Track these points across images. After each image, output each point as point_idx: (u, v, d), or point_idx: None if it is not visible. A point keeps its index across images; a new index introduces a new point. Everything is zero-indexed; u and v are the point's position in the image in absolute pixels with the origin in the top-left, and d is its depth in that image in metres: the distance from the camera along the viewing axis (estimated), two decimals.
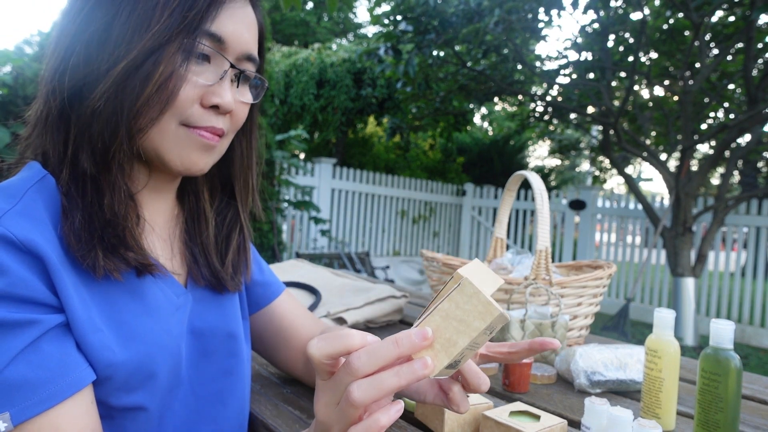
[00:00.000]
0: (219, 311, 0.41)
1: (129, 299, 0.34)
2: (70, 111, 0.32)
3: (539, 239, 0.68)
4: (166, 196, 0.39)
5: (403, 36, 2.99)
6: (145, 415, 0.34)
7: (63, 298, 0.30)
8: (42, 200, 0.31)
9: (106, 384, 0.31)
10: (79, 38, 0.32)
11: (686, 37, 3.16)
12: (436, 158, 6.15)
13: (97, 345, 0.31)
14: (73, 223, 0.31)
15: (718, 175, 5.77)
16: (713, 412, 0.42)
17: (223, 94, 0.34)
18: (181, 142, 0.34)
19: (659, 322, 0.47)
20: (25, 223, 0.30)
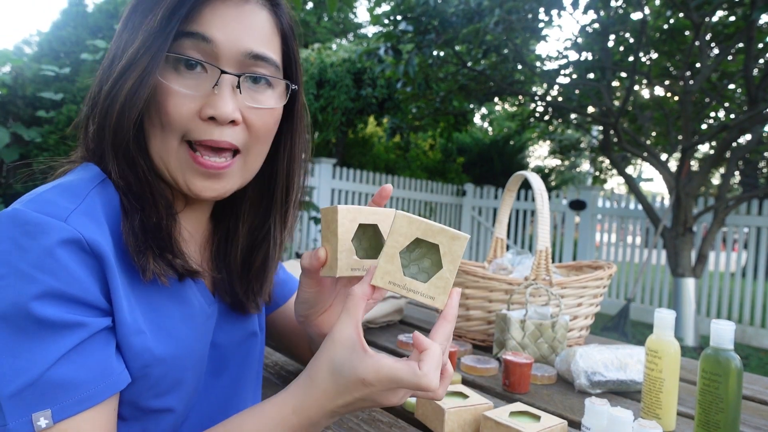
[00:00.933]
0: (238, 320, 0.41)
1: (170, 304, 0.35)
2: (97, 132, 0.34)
3: (539, 239, 0.67)
4: (202, 212, 0.39)
5: (403, 36, 2.99)
6: (171, 417, 0.35)
7: (114, 300, 0.31)
8: (101, 202, 0.32)
9: (139, 384, 0.32)
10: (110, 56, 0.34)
11: (687, 37, 3.16)
12: (436, 158, 6.15)
13: (138, 347, 0.32)
14: (133, 223, 0.32)
15: (718, 176, 5.76)
16: (714, 412, 0.42)
17: (217, 104, 0.32)
18: (184, 165, 0.34)
19: (659, 323, 0.47)
20: (90, 223, 0.30)
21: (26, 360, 0.27)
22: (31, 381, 0.27)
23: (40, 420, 0.27)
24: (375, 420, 0.46)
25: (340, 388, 0.30)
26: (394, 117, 4.27)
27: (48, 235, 0.28)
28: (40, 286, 0.28)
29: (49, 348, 0.28)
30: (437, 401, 0.43)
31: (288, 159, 0.39)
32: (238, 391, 0.41)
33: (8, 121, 1.25)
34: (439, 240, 0.31)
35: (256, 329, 0.43)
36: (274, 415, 0.31)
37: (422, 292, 0.32)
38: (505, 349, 0.65)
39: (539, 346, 0.65)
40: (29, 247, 0.28)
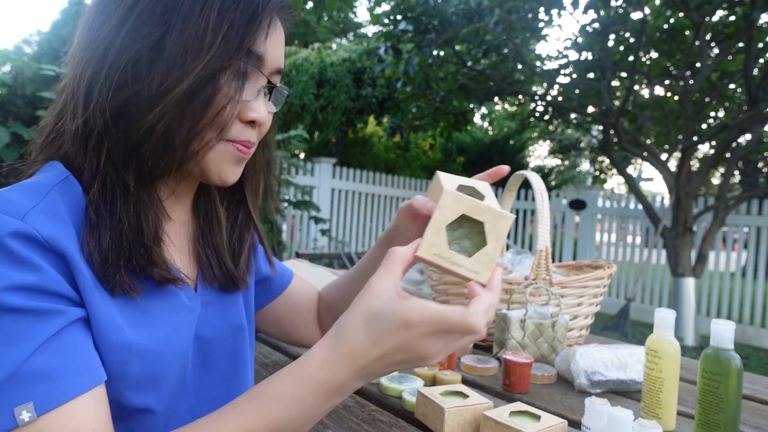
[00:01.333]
0: (226, 310, 0.41)
1: (148, 299, 0.34)
2: (113, 128, 0.32)
3: (539, 239, 0.67)
4: (186, 202, 0.40)
5: (403, 35, 2.98)
6: (152, 418, 0.34)
7: (84, 295, 0.30)
8: (63, 200, 0.31)
9: (118, 382, 0.32)
10: (125, 54, 0.31)
11: (687, 37, 3.16)
12: (436, 158, 6.15)
13: (116, 342, 0.31)
14: (100, 242, 0.31)
15: (718, 175, 5.76)
16: (714, 412, 0.42)
17: (259, 108, 0.35)
18: (221, 157, 0.35)
19: (660, 322, 0.47)
20: (49, 221, 0.30)
21: (1, 354, 0.27)
22: (9, 374, 0.26)
23: (23, 414, 0.26)
24: (375, 420, 0.46)
25: (376, 335, 0.29)
26: (394, 117, 4.27)
27: (1, 230, 0.28)
28: (5, 279, 0.27)
29: (25, 338, 0.27)
30: (436, 402, 0.43)
31: (266, 151, 0.43)
32: (229, 387, 0.40)
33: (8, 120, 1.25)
34: (485, 218, 0.32)
35: (243, 323, 0.43)
36: (298, 374, 0.30)
37: (467, 266, 0.32)
38: (505, 348, 0.65)
39: (539, 345, 0.65)
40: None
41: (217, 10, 0.32)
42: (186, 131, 0.32)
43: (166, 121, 0.32)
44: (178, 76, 0.31)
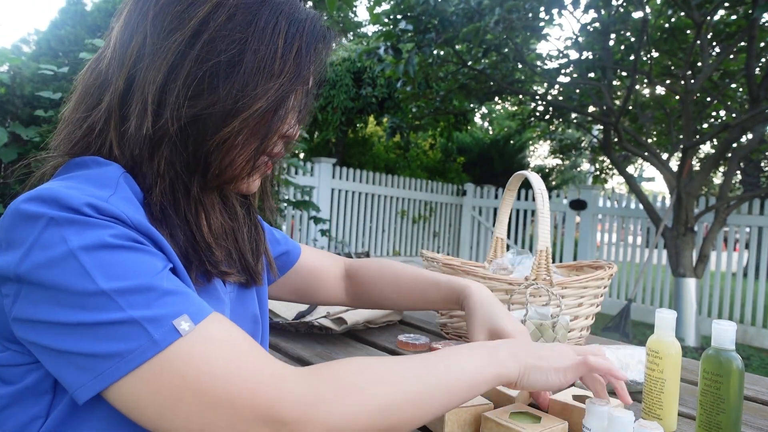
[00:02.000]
0: (244, 307, 0.43)
1: (206, 297, 0.36)
2: (184, 135, 0.34)
3: (540, 239, 0.67)
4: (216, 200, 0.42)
5: (403, 35, 2.98)
6: None
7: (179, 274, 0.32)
8: (131, 191, 0.33)
9: None
10: (202, 66, 0.33)
11: (688, 36, 3.16)
12: (436, 158, 6.15)
13: None
14: (176, 240, 0.34)
15: (720, 175, 5.75)
16: (715, 413, 0.41)
17: (296, 126, 0.38)
18: (253, 172, 0.37)
19: (660, 323, 0.46)
20: (129, 206, 0.31)
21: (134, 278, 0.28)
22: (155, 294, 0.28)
23: (182, 324, 0.27)
24: None
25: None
26: (394, 116, 4.27)
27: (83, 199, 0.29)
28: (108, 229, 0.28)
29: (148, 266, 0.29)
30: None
31: None
32: None
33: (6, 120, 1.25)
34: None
35: (257, 312, 0.44)
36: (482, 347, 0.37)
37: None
38: None
39: None
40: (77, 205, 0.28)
41: (284, 35, 0.34)
42: (255, 146, 0.35)
43: (243, 136, 0.34)
44: (256, 94, 0.34)
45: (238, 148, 0.34)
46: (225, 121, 0.33)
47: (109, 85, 0.34)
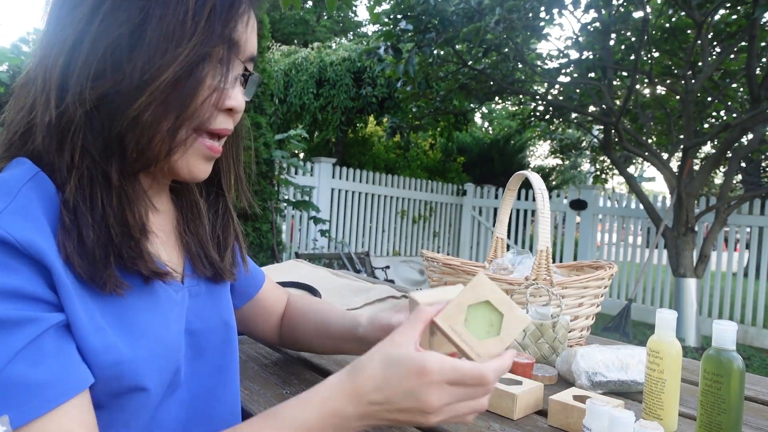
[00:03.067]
0: (214, 304, 0.41)
1: (134, 298, 0.33)
2: (93, 119, 0.31)
3: (540, 239, 0.67)
4: (166, 192, 0.40)
5: (403, 35, 2.98)
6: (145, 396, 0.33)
7: (63, 299, 0.29)
8: (38, 198, 0.30)
9: (107, 382, 0.31)
10: (101, 42, 0.30)
11: (688, 36, 3.15)
12: (436, 158, 6.14)
13: (99, 346, 0.30)
14: (83, 241, 0.30)
15: (720, 175, 5.74)
16: (716, 413, 0.41)
17: (237, 96, 0.35)
18: (192, 154, 0.35)
19: (661, 323, 0.46)
20: (23, 222, 0.28)
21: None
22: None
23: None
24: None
25: (389, 375, 0.31)
26: (394, 116, 4.26)
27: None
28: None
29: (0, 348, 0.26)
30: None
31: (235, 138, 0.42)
32: (219, 379, 0.40)
33: None
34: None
35: (228, 319, 0.42)
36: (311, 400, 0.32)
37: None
38: None
39: (540, 346, 0.64)
40: None
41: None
42: (172, 120, 0.31)
43: (152, 111, 0.30)
44: (163, 63, 0.30)
45: (152, 125, 0.31)
46: (133, 98, 0.30)
47: (28, 78, 0.33)
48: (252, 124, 2.99)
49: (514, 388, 0.48)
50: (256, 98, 3.04)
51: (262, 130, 2.53)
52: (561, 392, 0.48)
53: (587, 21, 3.12)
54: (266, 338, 0.55)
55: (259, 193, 2.48)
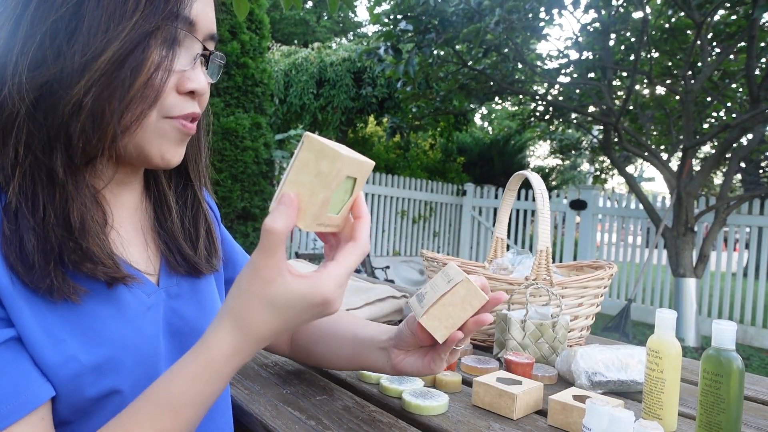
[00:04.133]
0: (197, 302, 0.39)
1: (94, 304, 0.32)
2: (35, 110, 0.29)
3: (540, 239, 0.67)
4: (134, 188, 0.37)
5: (403, 35, 2.98)
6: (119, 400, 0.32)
7: (12, 315, 0.28)
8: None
9: (72, 394, 0.30)
10: (39, 28, 0.28)
11: (688, 36, 3.15)
12: (436, 158, 6.14)
13: (57, 358, 0.29)
14: (24, 246, 0.28)
15: (720, 175, 5.74)
16: (715, 413, 0.42)
17: (197, 78, 0.33)
18: (162, 135, 0.33)
19: (660, 323, 0.47)
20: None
21: None
22: None
23: None
24: (375, 420, 0.46)
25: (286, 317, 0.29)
26: (394, 116, 4.26)
27: None
28: None
29: None
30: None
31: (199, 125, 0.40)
32: None
33: None
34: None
35: (216, 297, 0.41)
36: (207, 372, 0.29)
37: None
38: (506, 349, 0.65)
39: (540, 346, 0.64)
40: None
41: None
42: (117, 103, 0.29)
43: (94, 94, 0.29)
44: (102, 43, 0.28)
45: (95, 109, 0.29)
46: (73, 82, 0.28)
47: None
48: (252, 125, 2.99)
49: (513, 388, 0.48)
50: (256, 99, 3.04)
51: (262, 130, 2.53)
52: (561, 392, 0.48)
53: (587, 21, 3.12)
54: (276, 349, 0.53)
55: (259, 193, 2.48)
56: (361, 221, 0.32)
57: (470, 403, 0.50)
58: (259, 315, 0.29)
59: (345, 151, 0.29)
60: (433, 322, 0.38)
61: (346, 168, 0.29)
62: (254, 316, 0.29)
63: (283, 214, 0.28)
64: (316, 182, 0.28)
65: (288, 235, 0.28)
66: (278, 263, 0.28)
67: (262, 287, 0.29)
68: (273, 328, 0.30)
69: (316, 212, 0.29)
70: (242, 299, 0.29)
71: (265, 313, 0.29)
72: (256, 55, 2.53)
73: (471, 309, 0.37)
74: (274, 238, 0.28)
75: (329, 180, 0.28)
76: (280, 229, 0.28)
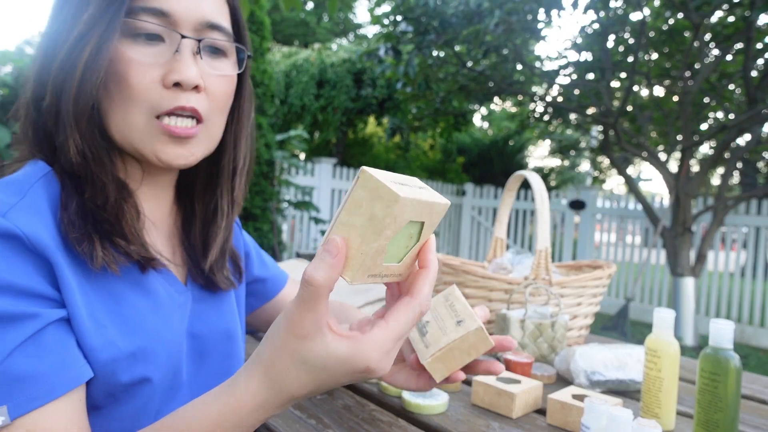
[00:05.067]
0: (217, 310, 0.41)
1: (133, 294, 0.34)
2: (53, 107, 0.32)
3: (539, 239, 0.68)
4: (165, 191, 0.38)
5: (403, 36, 2.99)
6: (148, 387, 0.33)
7: (65, 295, 0.30)
8: (46, 195, 0.31)
9: (106, 379, 0.31)
10: (45, 37, 0.33)
11: (686, 38, 3.17)
12: (436, 158, 6.15)
13: (99, 342, 0.31)
14: (70, 210, 0.31)
15: (717, 176, 5.76)
16: (713, 411, 0.42)
17: (181, 69, 0.32)
18: (152, 137, 0.33)
19: (659, 322, 0.47)
20: (31, 218, 0.29)
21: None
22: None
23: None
24: (375, 419, 0.47)
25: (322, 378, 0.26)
26: (394, 117, 4.27)
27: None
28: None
29: (1, 341, 0.27)
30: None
31: (235, 129, 0.40)
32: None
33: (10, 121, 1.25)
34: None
35: (232, 328, 0.41)
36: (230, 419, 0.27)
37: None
38: None
39: (539, 345, 0.65)
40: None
41: None
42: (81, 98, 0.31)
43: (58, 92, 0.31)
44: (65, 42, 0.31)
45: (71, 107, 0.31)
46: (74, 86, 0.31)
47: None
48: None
49: (513, 387, 0.48)
50: (257, 99, 3.03)
51: (263, 130, 2.53)
52: (560, 391, 0.48)
53: (586, 23, 3.13)
54: None
55: (260, 193, 2.48)
56: (424, 273, 0.28)
57: (470, 402, 0.50)
58: (293, 373, 0.26)
59: (409, 191, 0.24)
60: (437, 365, 0.35)
61: (407, 212, 0.23)
62: (287, 373, 0.26)
63: (326, 264, 0.24)
64: (369, 227, 0.23)
65: (332, 288, 0.25)
66: (318, 319, 0.25)
67: (297, 343, 0.25)
68: (306, 388, 0.26)
69: (367, 263, 0.24)
70: (275, 353, 0.26)
71: (299, 372, 0.26)
72: (257, 56, 2.53)
73: (476, 354, 0.35)
74: (314, 291, 0.24)
75: (384, 226, 0.23)
76: (321, 282, 0.24)
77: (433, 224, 0.27)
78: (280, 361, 0.26)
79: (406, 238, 0.26)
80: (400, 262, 0.27)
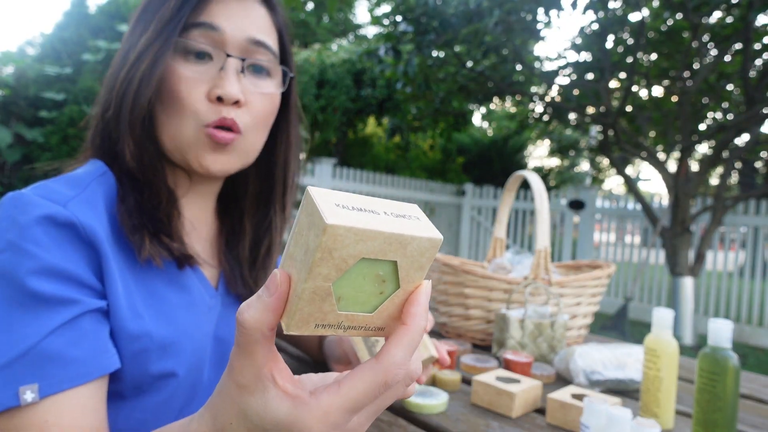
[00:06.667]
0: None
1: (169, 290, 0.36)
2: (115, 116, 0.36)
3: (538, 239, 0.68)
4: (206, 200, 0.41)
5: (402, 36, 2.99)
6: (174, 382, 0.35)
7: (108, 286, 0.32)
8: (102, 191, 0.34)
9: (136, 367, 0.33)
10: (117, 54, 0.37)
11: (685, 38, 3.17)
12: (435, 158, 6.15)
13: (135, 331, 0.33)
14: (128, 203, 0.35)
15: (716, 175, 5.78)
16: (712, 411, 0.42)
17: (224, 84, 0.36)
18: (198, 145, 0.36)
19: (658, 322, 0.47)
20: (88, 210, 0.32)
21: (18, 333, 0.28)
22: (22, 353, 0.28)
23: (26, 393, 0.27)
24: (375, 419, 0.47)
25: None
26: (394, 117, 4.27)
27: (38, 211, 0.30)
28: (36, 261, 0.29)
29: (41, 322, 0.28)
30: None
31: (285, 147, 0.43)
32: None
33: (11, 121, 1.25)
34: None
35: None
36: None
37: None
38: (505, 348, 0.65)
39: (538, 345, 0.65)
40: (25, 223, 0.30)
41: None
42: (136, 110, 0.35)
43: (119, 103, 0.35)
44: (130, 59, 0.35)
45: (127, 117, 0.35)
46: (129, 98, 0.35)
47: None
48: None
49: (512, 387, 0.48)
50: None
51: None
52: (559, 390, 0.49)
53: (585, 23, 3.14)
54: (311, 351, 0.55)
55: None
56: (400, 331, 0.20)
57: (469, 402, 0.51)
58: (234, 426, 0.21)
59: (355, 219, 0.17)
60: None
61: (350, 246, 0.17)
62: (229, 426, 0.21)
63: (262, 303, 0.19)
64: (304, 262, 0.18)
65: (268, 333, 0.19)
66: (257, 368, 0.20)
67: (238, 394, 0.20)
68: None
69: (305, 308, 0.18)
70: (220, 397, 0.22)
71: (240, 427, 0.21)
72: None
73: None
74: (246, 335, 0.19)
75: (314, 261, 0.17)
76: (251, 324, 0.19)
77: (418, 265, 0.20)
78: (225, 412, 0.21)
79: (372, 280, 0.19)
80: (372, 313, 0.20)
